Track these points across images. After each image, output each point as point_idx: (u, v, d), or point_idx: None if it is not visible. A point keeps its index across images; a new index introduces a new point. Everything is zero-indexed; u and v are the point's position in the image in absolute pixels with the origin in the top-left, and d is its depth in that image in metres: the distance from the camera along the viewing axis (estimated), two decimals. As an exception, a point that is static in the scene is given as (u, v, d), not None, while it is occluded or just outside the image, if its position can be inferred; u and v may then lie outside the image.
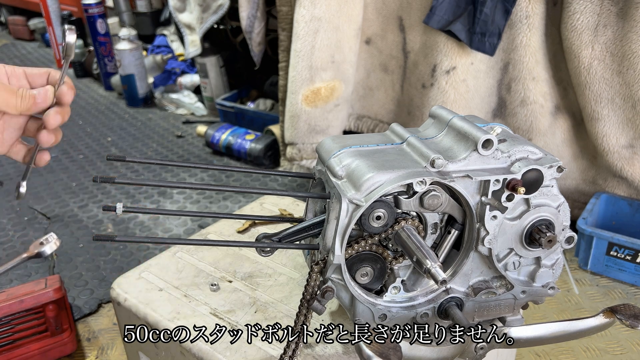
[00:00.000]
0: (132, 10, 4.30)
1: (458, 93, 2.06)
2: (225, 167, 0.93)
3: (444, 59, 2.04)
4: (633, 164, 1.96)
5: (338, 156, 0.86)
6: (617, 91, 1.85)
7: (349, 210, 0.79)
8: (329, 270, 0.82)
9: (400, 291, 0.90)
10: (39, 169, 3.09)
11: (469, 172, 0.82)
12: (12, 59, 5.43)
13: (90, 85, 4.56)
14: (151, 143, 3.40)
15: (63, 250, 2.29)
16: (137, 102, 4.00)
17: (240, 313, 1.02)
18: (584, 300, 1.86)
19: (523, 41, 1.94)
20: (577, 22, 1.81)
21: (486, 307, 0.93)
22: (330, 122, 2.30)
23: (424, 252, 0.78)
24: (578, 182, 2.15)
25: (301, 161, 2.38)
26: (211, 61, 3.57)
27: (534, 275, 0.93)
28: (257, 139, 3.03)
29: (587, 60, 1.84)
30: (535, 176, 0.83)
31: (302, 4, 2.07)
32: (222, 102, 3.47)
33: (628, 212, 2.04)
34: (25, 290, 1.62)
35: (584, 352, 1.62)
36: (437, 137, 0.90)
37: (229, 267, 1.15)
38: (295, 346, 0.85)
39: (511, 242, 0.88)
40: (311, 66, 2.15)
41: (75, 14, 4.92)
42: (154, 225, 2.43)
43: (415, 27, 2.15)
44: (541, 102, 2.00)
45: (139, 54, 3.87)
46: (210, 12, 3.13)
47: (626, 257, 1.88)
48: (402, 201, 0.82)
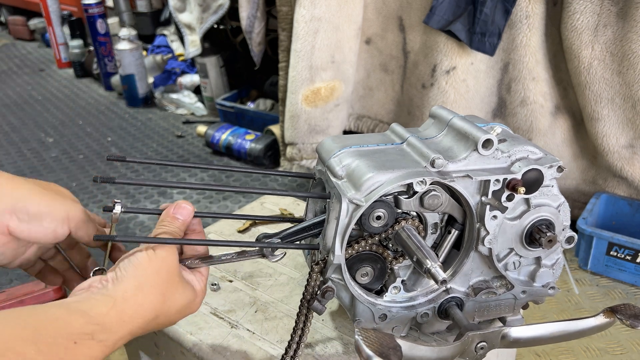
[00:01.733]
0: (132, 10, 4.30)
1: (458, 93, 2.06)
2: (225, 167, 0.93)
3: (444, 59, 2.04)
4: (633, 164, 1.96)
5: (338, 156, 0.86)
6: (617, 91, 1.85)
7: (349, 210, 0.79)
8: (329, 270, 0.82)
9: (400, 291, 0.90)
10: (39, 168, 3.10)
11: (469, 172, 0.82)
12: (12, 59, 5.43)
13: (90, 85, 4.56)
14: (151, 143, 3.40)
15: (63, 250, 2.28)
16: (137, 102, 4.00)
17: (241, 313, 1.02)
18: (584, 300, 1.86)
19: (523, 41, 1.94)
20: (577, 22, 1.81)
21: (486, 307, 0.93)
22: (330, 122, 2.30)
23: (424, 252, 0.78)
24: (578, 182, 2.15)
25: (301, 161, 2.38)
26: (211, 61, 3.57)
27: (534, 275, 0.93)
28: (257, 139, 3.03)
29: (587, 60, 1.84)
30: (536, 176, 0.83)
31: (302, 4, 2.07)
32: (222, 102, 3.47)
33: (628, 212, 2.04)
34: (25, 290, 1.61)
35: (584, 352, 1.62)
36: (437, 137, 0.90)
37: (229, 266, 1.15)
38: (296, 346, 0.85)
39: (511, 242, 0.88)
40: (311, 66, 2.15)
41: (75, 14, 4.92)
42: (154, 226, 2.43)
43: (415, 27, 2.15)
44: (541, 102, 2.00)
45: (139, 54, 3.87)
46: (210, 12, 3.13)
47: (626, 257, 1.88)
48: (402, 201, 0.82)
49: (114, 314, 0.64)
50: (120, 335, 0.65)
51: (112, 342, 0.63)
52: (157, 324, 0.72)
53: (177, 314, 0.74)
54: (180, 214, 0.78)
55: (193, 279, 0.78)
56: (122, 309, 0.65)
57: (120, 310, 0.65)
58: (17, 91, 4.46)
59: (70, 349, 0.58)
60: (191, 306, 0.76)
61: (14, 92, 4.45)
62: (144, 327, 0.68)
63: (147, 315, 0.68)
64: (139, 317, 0.67)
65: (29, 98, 4.30)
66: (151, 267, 0.70)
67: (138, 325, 0.67)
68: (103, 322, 0.62)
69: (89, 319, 0.61)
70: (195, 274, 0.79)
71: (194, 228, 0.81)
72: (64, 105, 4.13)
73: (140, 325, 0.67)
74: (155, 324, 0.71)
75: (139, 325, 0.67)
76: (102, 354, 0.62)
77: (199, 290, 0.78)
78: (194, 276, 0.79)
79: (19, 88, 4.54)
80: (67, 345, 0.58)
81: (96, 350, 0.61)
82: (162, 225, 0.76)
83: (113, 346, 0.64)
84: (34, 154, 3.31)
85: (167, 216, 0.78)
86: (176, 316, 0.74)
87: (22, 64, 5.24)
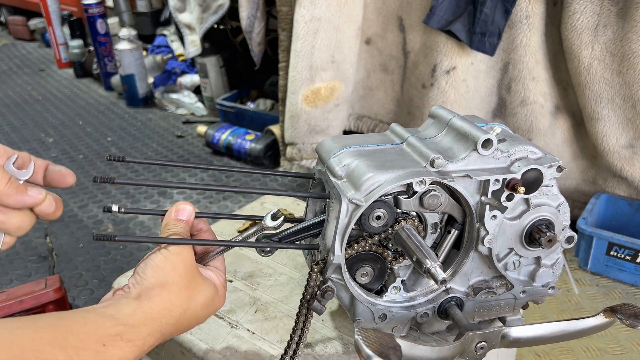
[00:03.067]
0: (132, 10, 4.31)
1: (458, 93, 2.06)
2: (225, 167, 0.93)
3: (444, 59, 2.04)
4: (633, 164, 1.95)
5: (338, 156, 0.86)
6: (617, 91, 1.85)
7: (348, 210, 0.79)
8: (329, 270, 0.82)
9: (400, 291, 0.90)
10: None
11: (469, 172, 0.82)
12: (12, 59, 5.43)
13: (90, 85, 4.56)
14: (151, 143, 3.41)
15: (63, 250, 2.29)
16: (137, 102, 4.00)
17: (241, 313, 1.02)
18: (584, 300, 1.85)
19: (523, 41, 1.94)
20: (577, 22, 1.81)
21: (486, 307, 0.93)
22: (330, 122, 2.30)
23: (424, 252, 0.78)
24: (578, 182, 2.14)
25: (301, 161, 2.38)
26: (211, 61, 3.57)
27: (534, 275, 0.93)
28: (257, 139, 3.03)
29: (587, 60, 1.84)
30: (535, 176, 0.83)
31: (302, 4, 2.07)
32: (222, 102, 3.47)
33: (628, 212, 2.04)
34: (25, 291, 1.62)
35: (584, 352, 1.62)
36: (437, 137, 0.90)
37: (229, 266, 1.15)
38: (295, 346, 0.85)
39: (511, 241, 0.88)
40: (311, 66, 2.15)
41: (75, 14, 4.92)
42: (154, 225, 2.43)
43: (415, 27, 2.15)
44: (541, 102, 2.00)
45: (139, 54, 3.87)
46: (210, 12, 3.13)
47: (626, 257, 1.88)
48: (402, 201, 0.82)
49: (140, 313, 0.64)
50: (149, 332, 0.64)
51: (142, 341, 0.63)
52: (187, 321, 0.71)
53: (203, 310, 0.74)
54: (181, 214, 0.78)
55: (212, 275, 0.78)
56: (148, 307, 0.65)
57: (146, 309, 0.65)
58: (17, 91, 4.46)
59: (100, 351, 0.59)
60: (215, 301, 0.76)
61: (14, 92, 4.45)
62: (174, 323, 0.68)
63: (175, 311, 0.68)
64: (167, 313, 0.67)
65: (29, 98, 4.30)
66: (169, 265, 0.70)
67: (167, 322, 0.67)
68: (130, 322, 0.63)
69: (116, 320, 0.62)
70: (213, 270, 0.80)
71: (200, 227, 0.82)
72: (64, 105, 4.13)
73: (169, 322, 0.67)
74: (185, 321, 0.71)
75: (168, 322, 0.67)
76: (133, 354, 0.62)
77: (219, 284, 0.78)
78: (211, 272, 0.79)
79: (19, 88, 4.54)
80: (97, 348, 0.58)
81: (126, 350, 0.61)
82: (167, 229, 0.76)
83: (143, 346, 0.64)
84: (34, 154, 3.29)
85: (170, 219, 0.78)
86: (203, 312, 0.74)
87: (22, 64, 5.24)
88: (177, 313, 0.69)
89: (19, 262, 2.22)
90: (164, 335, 0.67)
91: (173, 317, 0.68)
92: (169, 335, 0.69)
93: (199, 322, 0.75)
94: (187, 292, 0.70)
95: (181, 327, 0.71)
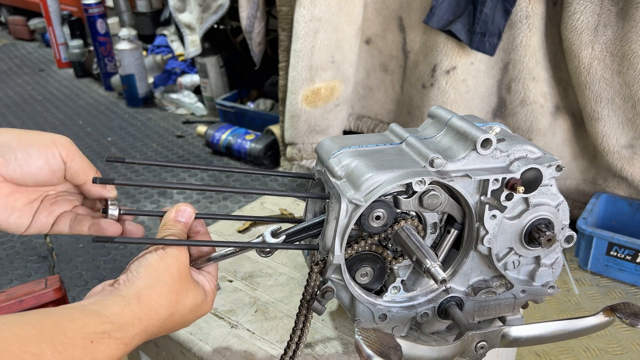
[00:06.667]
0: (132, 10, 4.31)
1: (458, 93, 2.06)
2: (225, 167, 0.93)
3: (444, 59, 2.04)
4: (633, 164, 1.96)
5: (337, 156, 0.86)
6: (617, 91, 1.85)
7: (348, 210, 0.79)
8: (328, 271, 0.82)
9: (400, 291, 0.90)
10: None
11: (468, 172, 0.82)
12: (12, 59, 5.43)
13: (90, 85, 4.57)
14: (151, 143, 3.41)
15: (63, 250, 2.29)
16: (137, 102, 4.01)
17: (241, 313, 1.02)
18: (584, 300, 1.86)
19: (523, 41, 1.94)
20: (577, 22, 1.81)
21: (486, 307, 0.93)
22: (330, 122, 2.30)
23: (424, 252, 0.78)
24: (578, 182, 2.15)
25: (301, 161, 2.38)
26: (211, 61, 3.57)
27: (534, 275, 0.93)
28: (257, 139, 3.03)
29: (587, 60, 1.84)
30: (534, 175, 0.83)
31: (302, 4, 2.07)
32: (222, 102, 3.47)
33: (628, 212, 2.04)
34: (25, 290, 1.62)
35: (584, 352, 1.62)
36: (436, 137, 0.90)
37: (229, 266, 1.15)
38: (295, 346, 0.86)
39: (511, 241, 0.88)
40: (311, 66, 2.15)
41: (75, 14, 4.92)
42: (153, 226, 2.43)
43: (415, 27, 2.15)
44: (541, 102, 2.00)
45: (139, 54, 3.88)
46: (210, 12, 3.13)
47: (626, 257, 1.88)
48: (402, 201, 0.82)
49: (128, 312, 0.64)
50: (136, 332, 0.65)
51: (129, 340, 0.64)
52: (172, 324, 0.72)
53: (190, 315, 0.74)
54: (181, 216, 0.78)
55: (203, 280, 0.78)
56: (136, 307, 0.65)
57: (134, 308, 0.65)
58: (17, 91, 4.46)
59: (88, 348, 0.59)
60: (203, 306, 0.76)
61: (14, 92, 4.45)
62: (159, 325, 0.68)
63: (162, 312, 0.68)
64: (154, 315, 0.67)
65: (29, 98, 4.30)
66: (163, 266, 0.70)
67: (153, 323, 0.67)
68: (118, 321, 0.63)
69: (105, 318, 0.62)
70: (205, 275, 0.79)
71: (198, 230, 0.82)
72: (64, 105, 4.13)
73: (155, 324, 0.68)
74: (171, 324, 0.71)
75: (154, 324, 0.67)
76: (120, 352, 0.62)
77: (209, 290, 0.78)
78: (203, 277, 0.79)
79: (19, 88, 4.54)
80: (85, 344, 0.58)
81: (113, 348, 0.61)
82: (165, 229, 0.76)
83: (129, 344, 0.64)
84: (34, 154, 3.31)
85: (169, 220, 0.78)
86: (189, 316, 0.74)
87: (22, 64, 5.24)
88: (164, 316, 0.69)
89: (19, 262, 2.22)
90: (149, 335, 0.68)
91: (160, 319, 0.68)
92: (153, 336, 0.69)
93: (185, 326, 0.75)
94: (176, 296, 0.70)
95: (166, 329, 0.71)
